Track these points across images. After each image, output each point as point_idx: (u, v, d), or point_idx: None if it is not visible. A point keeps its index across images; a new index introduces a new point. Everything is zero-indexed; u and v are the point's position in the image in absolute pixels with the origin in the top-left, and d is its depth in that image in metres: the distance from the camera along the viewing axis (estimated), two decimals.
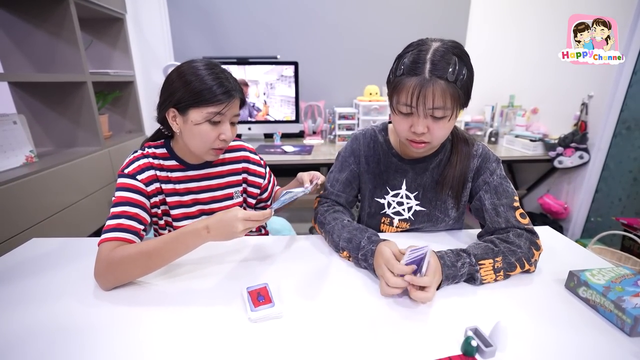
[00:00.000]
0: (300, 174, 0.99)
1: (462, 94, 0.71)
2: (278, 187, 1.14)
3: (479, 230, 0.90)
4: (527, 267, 0.74)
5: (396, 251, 0.71)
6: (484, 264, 0.71)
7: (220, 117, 0.81)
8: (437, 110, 0.71)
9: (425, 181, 0.91)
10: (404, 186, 0.92)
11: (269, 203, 1.10)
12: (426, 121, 0.73)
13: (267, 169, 1.07)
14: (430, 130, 0.75)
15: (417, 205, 0.92)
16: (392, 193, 0.93)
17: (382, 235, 0.91)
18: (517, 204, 0.82)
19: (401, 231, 0.97)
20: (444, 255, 0.71)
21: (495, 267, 0.72)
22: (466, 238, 0.93)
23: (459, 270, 0.69)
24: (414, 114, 0.73)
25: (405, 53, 0.74)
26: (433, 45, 0.71)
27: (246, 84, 2.23)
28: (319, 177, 0.96)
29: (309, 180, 0.94)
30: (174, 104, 0.80)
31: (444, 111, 0.71)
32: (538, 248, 0.77)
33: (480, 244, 0.76)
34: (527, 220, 0.80)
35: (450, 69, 0.68)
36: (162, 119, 0.85)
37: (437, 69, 0.68)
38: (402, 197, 0.93)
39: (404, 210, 0.93)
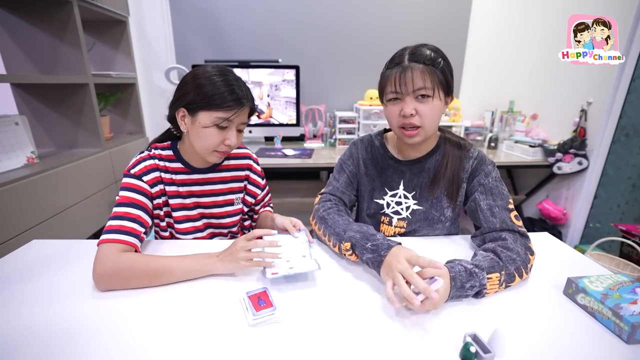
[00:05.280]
0: (280, 221, 0.93)
1: (440, 76, 0.78)
2: (269, 209, 1.12)
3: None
4: (524, 276, 0.74)
5: (413, 259, 0.67)
6: (492, 278, 0.69)
7: (228, 123, 0.81)
8: (420, 90, 0.78)
9: (422, 181, 0.93)
10: (401, 186, 0.95)
11: (256, 217, 1.12)
12: (413, 103, 0.80)
13: (265, 180, 1.08)
14: (418, 112, 0.80)
15: (414, 204, 0.94)
16: (390, 193, 0.96)
17: None
18: (511, 206, 0.84)
19: (399, 234, 0.97)
20: (456, 276, 0.67)
21: (501, 280, 0.70)
22: (463, 243, 0.94)
23: (465, 291, 0.67)
24: (401, 98, 0.80)
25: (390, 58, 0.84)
26: (412, 46, 0.82)
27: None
28: (301, 225, 0.91)
29: (292, 227, 0.89)
30: (185, 104, 0.82)
31: (426, 90, 0.78)
32: (532, 253, 0.78)
33: (487, 257, 0.73)
34: (520, 223, 0.82)
35: (426, 54, 0.78)
36: (171, 117, 0.87)
37: (415, 56, 0.78)
38: (400, 197, 0.95)
39: (402, 209, 0.96)
